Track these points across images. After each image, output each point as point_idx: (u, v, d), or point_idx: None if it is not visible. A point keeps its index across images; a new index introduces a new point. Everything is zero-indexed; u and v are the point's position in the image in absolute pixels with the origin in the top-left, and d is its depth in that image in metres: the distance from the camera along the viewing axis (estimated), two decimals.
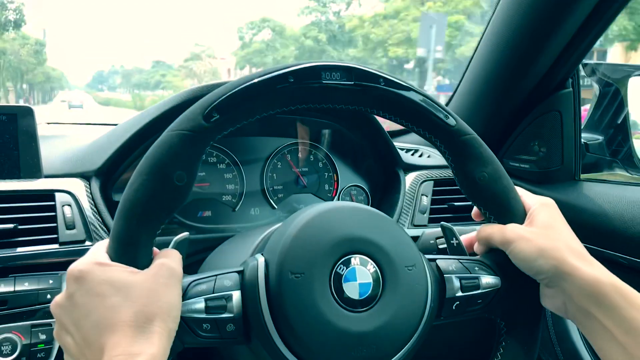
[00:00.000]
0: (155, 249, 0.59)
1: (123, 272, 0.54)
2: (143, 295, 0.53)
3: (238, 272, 0.61)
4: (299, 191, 1.11)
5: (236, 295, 0.59)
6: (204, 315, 0.57)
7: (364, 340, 0.59)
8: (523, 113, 1.08)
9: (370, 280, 0.60)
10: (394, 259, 0.62)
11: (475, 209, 0.71)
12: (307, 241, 0.60)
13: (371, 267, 0.61)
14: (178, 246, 0.62)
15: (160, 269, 0.55)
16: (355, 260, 0.60)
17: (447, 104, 1.23)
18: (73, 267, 0.55)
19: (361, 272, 0.60)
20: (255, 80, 0.58)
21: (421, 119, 0.64)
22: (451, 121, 0.64)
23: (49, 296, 0.82)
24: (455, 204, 1.09)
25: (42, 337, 0.80)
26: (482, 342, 0.89)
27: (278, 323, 0.58)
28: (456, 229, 0.79)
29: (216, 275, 0.60)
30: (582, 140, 1.09)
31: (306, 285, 0.58)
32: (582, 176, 1.09)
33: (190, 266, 0.87)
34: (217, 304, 0.58)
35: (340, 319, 0.58)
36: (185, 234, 0.64)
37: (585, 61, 1.04)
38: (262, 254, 0.62)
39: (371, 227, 0.63)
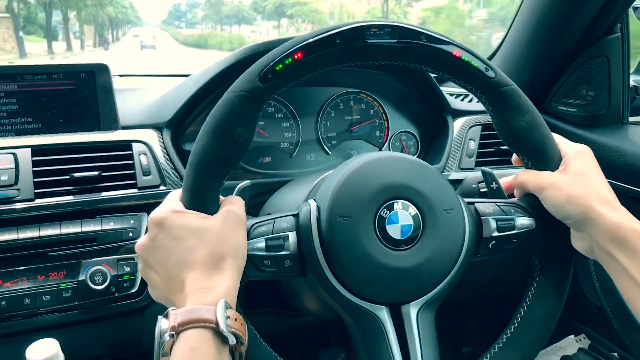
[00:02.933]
0: (221, 196, 0.67)
1: (196, 218, 0.63)
2: (214, 237, 0.61)
3: (293, 215, 0.69)
4: (351, 138, 1.18)
5: (292, 235, 0.67)
6: (264, 253, 0.66)
7: (405, 274, 0.67)
8: (571, 58, 1.09)
9: (411, 222, 0.67)
10: (433, 203, 0.68)
11: (514, 155, 0.76)
12: (353, 188, 0.68)
13: (412, 210, 0.67)
14: (241, 193, 0.70)
15: (227, 215, 0.64)
16: (398, 204, 0.67)
17: (496, 51, 1.24)
18: (154, 214, 0.64)
19: (403, 215, 0.67)
20: (304, 43, 0.63)
21: (462, 72, 0.68)
22: (490, 73, 0.67)
23: (131, 234, 0.93)
24: (502, 147, 1.12)
25: (127, 269, 0.92)
26: (516, 279, 0.94)
27: (329, 260, 0.66)
28: (502, 171, 0.84)
29: (275, 218, 0.69)
30: (632, 83, 1.09)
31: (353, 227, 0.66)
32: (630, 119, 1.10)
33: (253, 207, 0.96)
34: (275, 243, 0.67)
35: (383, 256, 0.66)
36: (247, 182, 0.72)
37: (636, 4, 1.03)
38: (314, 200, 0.70)
39: (412, 174, 0.70)
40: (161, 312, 0.78)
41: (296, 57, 0.63)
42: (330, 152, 1.16)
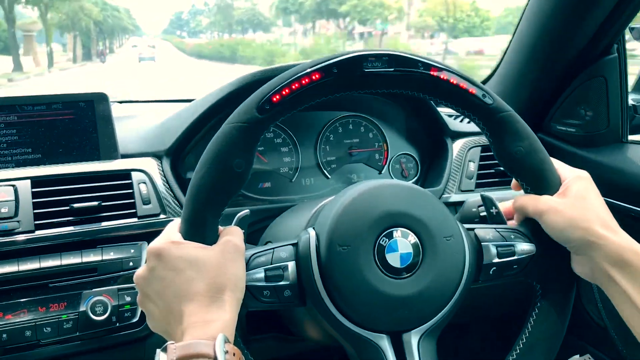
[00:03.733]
0: (220, 226, 0.67)
1: (195, 249, 0.63)
2: (213, 269, 0.61)
3: (292, 244, 0.69)
4: (350, 161, 1.18)
5: (291, 265, 0.67)
6: (264, 284, 0.66)
7: (405, 303, 0.66)
8: (569, 79, 1.09)
9: (411, 250, 0.67)
10: (432, 231, 0.68)
11: (514, 180, 0.76)
12: (352, 216, 0.68)
13: (412, 238, 0.67)
14: (240, 222, 0.71)
15: (226, 246, 0.64)
16: (397, 232, 0.67)
17: (494, 72, 1.25)
18: (152, 245, 0.64)
19: (402, 243, 0.67)
20: (301, 74, 0.64)
21: (460, 99, 0.68)
22: (488, 100, 0.68)
23: (131, 263, 0.93)
24: (502, 169, 1.12)
25: (128, 299, 0.92)
26: (518, 305, 0.94)
27: (329, 289, 0.66)
28: (502, 193, 0.83)
29: (274, 248, 0.69)
30: (631, 102, 1.10)
31: (353, 255, 0.66)
32: (630, 137, 1.10)
33: (253, 234, 0.96)
34: (275, 273, 0.66)
35: (383, 285, 0.66)
36: (246, 211, 0.72)
37: (632, 25, 1.04)
38: (313, 228, 0.70)
39: (411, 202, 0.70)
40: (162, 343, 0.77)
41: (294, 87, 0.64)
42: (330, 177, 1.16)
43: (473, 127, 1.19)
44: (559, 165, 0.73)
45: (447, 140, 1.14)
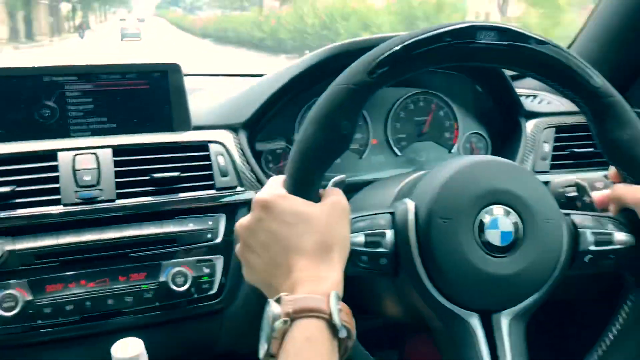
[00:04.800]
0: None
1: (303, 204, 0.62)
2: (323, 226, 0.60)
3: (390, 212, 0.69)
4: (420, 139, 1.16)
5: (389, 233, 0.67)
6: (363, 248, 0.66)
7: (501, 282, 0.65)
8: None
9: (512, 229, 0.66)
10: (534, 212, 0.67)
11: (612, 169, 0.73)
12: (455, 189, 0.67)
13: (513, 217, 0.66)
14: (336, 186, 0.69)
15: (335, 205, 0.63)
16: (499, 210, 0.66)
17: (574, 40, 1.21)
18: (259, 196, 0.63)
19: (503, 222, 0.66)
20: (414, 40, 0.62)
21: (567, 78, 0.66)
22: (595, 82, 0.65)
23: (209, 235, 0.93)
24: (577, 150, 1.10)
25: (206, 270, 0.92)
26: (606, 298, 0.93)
27: (426, 261, 0.66)
28: (579, 175, 0.82)
29: (372, 214, 0.68)
30: None
31: (453, 229, 0.65)
32: None
33: None
34: (374, 239, 0.66)
35: (481, 262, 0.65)
36: (343, 176, 0.71)
37: None
38: (410, 199, 0.69)
39: (516, 181, 0.68)
40: (240, 316, 0.75)
41: (405, 52, 0.62)
42: (399, 154, 1.14)
43: (547, 107, 1.17)
44: None
45: (520, 120, 1.12)
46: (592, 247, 0.69)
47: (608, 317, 0.73)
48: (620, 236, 0.70)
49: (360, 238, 0.66)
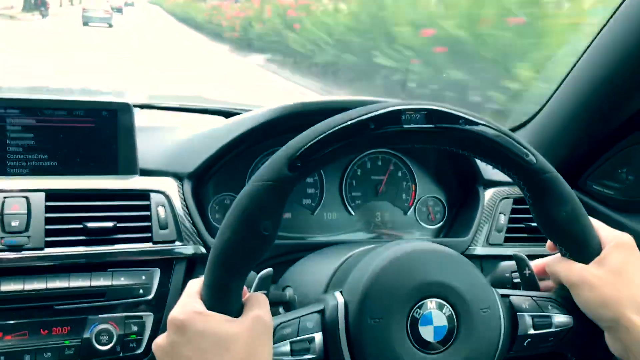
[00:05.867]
0: (245, 288, 0.62)
1: (220, 323, 0.57)
2: (240, 350, 0.56)
3: (319, 311, 0.65)
4: (376, 199, 1.13)
5: (318, 337, 0.63)
6: (289, 358, 0.62)
7: None
8: (616, 138, 1.05)
9: (446, 323, 0.63)
10: (469, 302, 0.65)
11: (549, 241, 0.72)
12: (385, 286, 0.64)
13: (447, 310, 0.64)
14: (262, 283, 0.67)
15: (255, 324, 0.58)
16: (432, 304, 0.64)
17: (531, 118, 1.20)
18: (174, 315, 0.58)
19: (437, 316, 0.63)
20: (336, 128, 0.59)
21: (501, 157, 0.65)
22: (531, 159, 0.64)
23: (141, 291, 0.89)
24: (533, 224, 1.08)
25: (134, 328, 0.87)
26: None
27: None
28: (533, 249, 0.80)
29: (299, 317, 0.64)
30: None
31: (385, 329, 0.62)
32: None
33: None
34: (301, 346, 0.62)
35: None
36: (269, 270, 0.68)
37: None
38: (341, 292, 0.66)
39: (448, 270, 0.66)
40: None
41: (327, 142, 0.59)
42: (353, 213, 1.11)
43: (506, 177, 1.14)
44: (600, 227, 0.70)
45: (479, 189, 1.09)
46: (532, 331, 0.68)
47: None
48: (560, 318, 0.69)
49: (285, 347, 0.62)
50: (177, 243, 0.92)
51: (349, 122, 0.60)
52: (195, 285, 0.63)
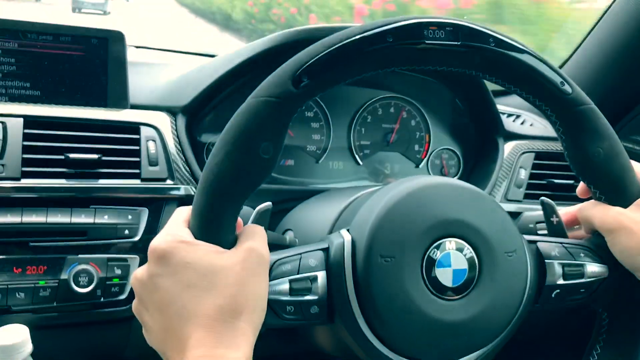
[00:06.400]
0: (239, 219, 0.55)
1: (209, 253, 0.50)
2: (230, 284, 0.49)
3: (323, 249, 0.58)
4: (386, 149, 1.05)
5: (321, 275, 0.56)
6: (288, 298, 0.55)
7: (454, 330, 0.56)
8: None
9: (466, 266, 0.57)
10: (493, 245, 0.58)
11: (581, 185, 0.66)
12: (398, 222, 0.56)
13: (468, 252, 0.57)
14: (260, 217, 0.59)
15: (249, 255, 0.51)
16: (451, 244, 0.57)
17: (565, 62, 1.10)
18: (156, 244, 0.51)
19: (456, 258, 0.57)
20: (350, 40, 0.52)
21: (533, 84, 0.57)
22: (567, 88, 0.57)
23: (126, 231, 0.81)
24: (556, 181, 1.00)
25: (118, 271, 0.80)
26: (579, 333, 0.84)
27: (364, 307, 0.56)
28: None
29: (301, 253, 0.57)
30: None
31: (396, 270, 0.55)
32: None
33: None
34: (301, 285, 0.55)
35: (431, 307, 0.56)
36: (268, 204, 0.60)
37: None
38: (347, 230, 0.59)
39: (470, 208, 0.59)
40: None
41: (338, 57, 0.52)
42: (361, 163, 1.03)
43: (529, 130, 1.06)
44: (639, 170, 0.62)
45: (499, 140, 1.01)
46: (561, 281, 0.62)
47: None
48: (593, 267, 0.62)
49: (284, 286, 0.55)
50: (169, 182, 0.84)
51: (364, 34, 0.52)
52: (183, 213, 0.55)
